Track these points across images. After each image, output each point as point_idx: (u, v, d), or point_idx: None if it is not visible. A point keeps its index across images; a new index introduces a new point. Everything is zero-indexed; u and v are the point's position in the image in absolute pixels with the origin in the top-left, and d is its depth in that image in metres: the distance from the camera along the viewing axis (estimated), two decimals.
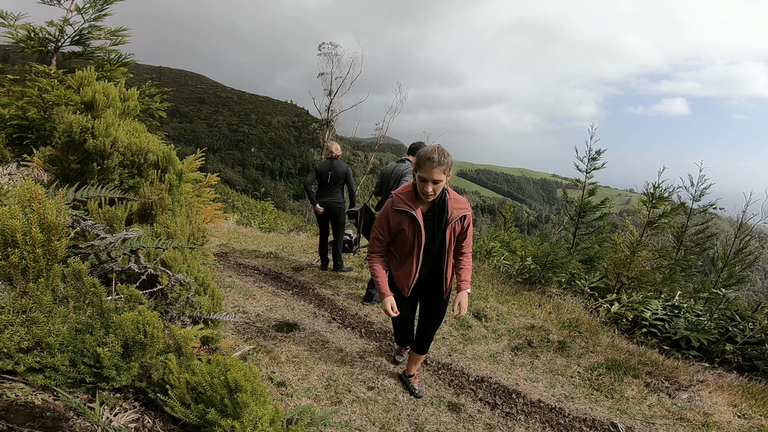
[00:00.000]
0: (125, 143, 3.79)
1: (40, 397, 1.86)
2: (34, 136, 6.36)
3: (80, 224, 2.83)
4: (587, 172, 8.53)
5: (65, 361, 1.89)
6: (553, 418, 4.03)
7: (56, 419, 1.78)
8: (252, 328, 5.19)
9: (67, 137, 3.65)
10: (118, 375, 1.99)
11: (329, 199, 7.71)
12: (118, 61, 7.57)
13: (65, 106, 5.39)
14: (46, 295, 1.85)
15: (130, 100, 4.38)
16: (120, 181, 3.88)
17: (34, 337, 1.81)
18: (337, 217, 7.82)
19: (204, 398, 1.93)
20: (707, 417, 4.17)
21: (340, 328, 5.54)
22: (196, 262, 3.11)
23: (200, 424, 1.93)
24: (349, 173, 7.70)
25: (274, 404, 2.06)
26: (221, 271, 7.32)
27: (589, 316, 6.50)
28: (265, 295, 6.40)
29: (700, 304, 6.74)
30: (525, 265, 8.08)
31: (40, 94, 6.39)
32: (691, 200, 8.12)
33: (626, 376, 4.82)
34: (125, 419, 1.98)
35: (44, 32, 6.91)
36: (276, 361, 4.43)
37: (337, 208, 7.72)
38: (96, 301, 2.02)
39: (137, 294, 2.30)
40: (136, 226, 3.36)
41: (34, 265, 1.78)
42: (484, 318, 6.12)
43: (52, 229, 1.80)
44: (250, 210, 20.61)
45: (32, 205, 1.76)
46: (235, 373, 1.88)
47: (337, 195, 7.73)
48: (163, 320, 2.57)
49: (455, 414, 3.95)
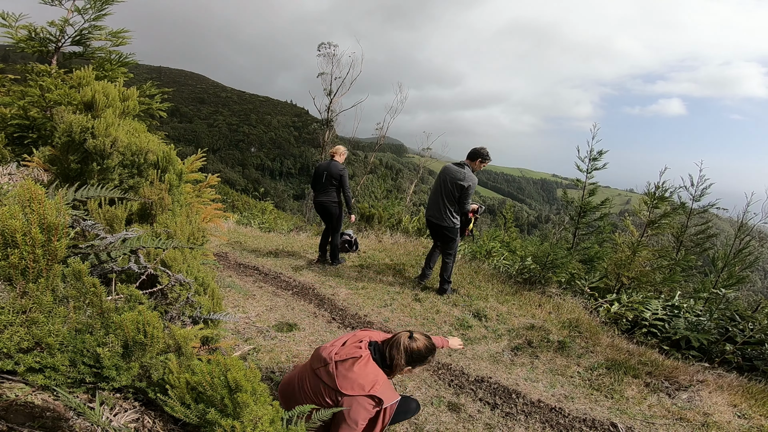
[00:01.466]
0: (125, 143, 3.80)
1: (40, 397, 1.86)
2: (35, 136, 6.37)
3: (80, 224, 2.83)
4: (588, 172, 8.53)
5: (65, 361, 1.89)
6: (553, 418, 4.03)
7: (56, 419, 1.78)
8: (252, 328, 5.19)
9: (67, 137, 3.65)
10: (118, 375, 1.99)
11: (323, 197, 7.88)
12: (119, 61, 7.59)
13: (67, 105, 5.40)
14: (46, 296, 1.85)
15: (129, 100, 4.38)
16: (120, 181, 3.88)
17: (34, 337, 1.81)
18: (331, 216, 7.99)
19: (204, 398, 1.93)
20: (707, 417, 4.17)
21: (340, 328, 5.54)
22: (196, 262, 3.11)
23: (200, 424, 1.92)
24: (344, 176, 7.77)
25: (274, 404, 2.05)
26: (221, 271, 7.32)
27: (589, 316, 6.50)
28: (265, 295, 6.41)
29: (700, 304, 6.74)
30: (525, 265, 8.08)
31: (42, 94, 6.40)
32: (692, 200, 8.12)
33: (626, 376, 4.83)
34: (125, 419, 1.98)
35: (45, 32, 6.93)
36: (276, 361, 4.44)
37: (329, 206, 7.89)
38: (96, 301, 2.02)
39: (137, 294, 2.30)
40: (136, 226, 3.36)
41: (34, 266, 1.78)
42: (484, 318, 6.12)
43: (52, 230, 1.80)
44: (250, 210, 20.59)
45: (32, 205, 1.76)
46: (236, 373, 1.88)
47: (331, 194, 7.86)
48: (163, 320, 2.57)
49: (455, 414, 3.95)
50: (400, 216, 13.10)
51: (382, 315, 6.07)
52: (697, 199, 8.09)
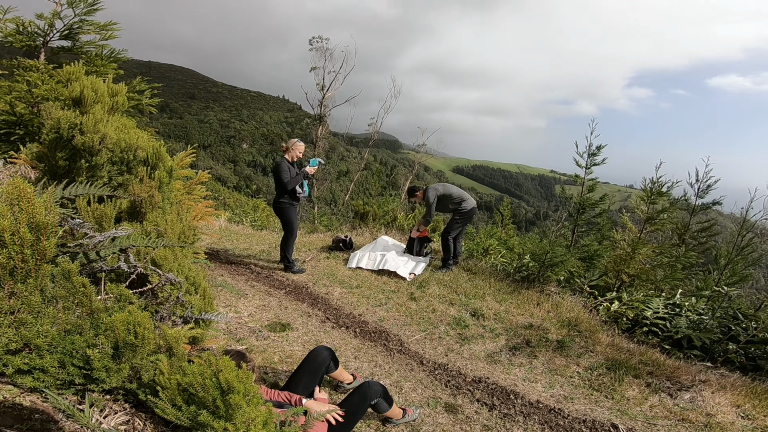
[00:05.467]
0: (114, 140, 3.79)
1: (29, 399, 1.87)
2: (22, 132, 6.35)
3: (68, 223, 2.83)
4: (587, 167, 8.54)
5: (54, 362, 1.89)
6: (552, 420, 4.05)
7: (45, 421, 1.79)
8: (244, 328, 5.20)
9: (55, 134, 3.65)
10: (108, 376, 1.99)
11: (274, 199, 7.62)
12: (110, 56, 7.56)
13: (55, 101, 5.39)
14: (34, 296, 1.85)
15: (118, 96, 4.38)
16: (109, 178, 3.87)
17: (22, 338, 1.81)
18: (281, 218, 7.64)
19: (195, 400, 1.94)
20: (710, 418, 4.18)
21: (334, 328, 5.55)
22: (186, 260, 3.12)
23: (192, 426, 1.93)
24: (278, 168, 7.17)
25: (267, 406, 2.06)
26: (212, 269, 7.31)
27: (589, 314, 6.51)
28: (258, 295, 6.40)
29: (702, 302, 6.75)
30: (523, 263, 8.10)
31: (29, 89, 6.38)
32: (695, 196, 8.14)
33: (627, 376, 4.84)
34: (115, 421, 1.98)
35: (33, 26, 6.89)
36: (269, 361, 4.44)
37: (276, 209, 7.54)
38: (85, 301, 2.02)
39: (127, 294, 2.31)
40: (125, 224, 3.36)
41: (22, 266, 1.79)
42: (482, 317, 6.14)
43: (41, 229, 1.80)
44: (242, 207, 20.59)
45: (21, 204, 1.76)
46: (228, 374, 1.88)
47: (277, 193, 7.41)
48: (154, 320, 2.58)
49: (452, 415, 3.96)
50: (395, 213, 13.10)
51: (377, 314, 6.08)
52: (701, 195, 8.11)
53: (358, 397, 3.25)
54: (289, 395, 3.13)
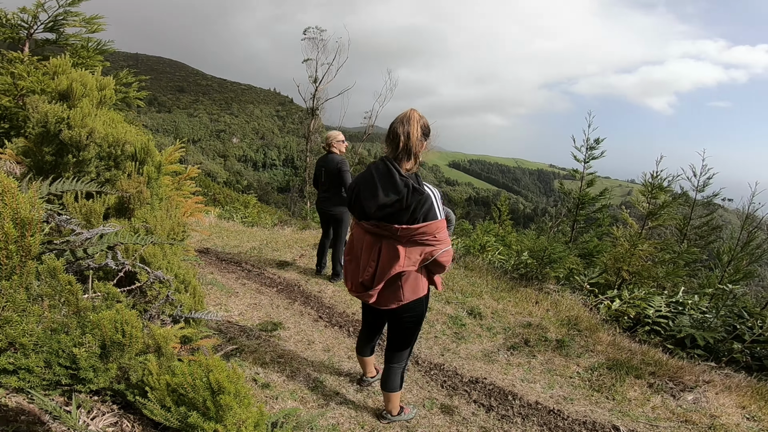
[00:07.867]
0: (102, 134, 3.79)
1: (14, 400, 1.86)
2: (6, 126, 6.32)
3: (55, 219, 2.83)
4: (585, 161, 8.56)
5: (40, 362, 1.89)
6: (552, 421, 4.05)
7: (31, 423, 1.79)
8: (235, 327, 5.19)
9: (42, 128, 3.64)
10: (96, 377, 2.00)
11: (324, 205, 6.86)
12: (97, 48, 7.53)
13: (41, 93, 5.37)
14: (19, 294, 1.85)
15: (106, 89, 4.37)
16: (96, 173, 3.87)
17: (7, 337, 1.81)
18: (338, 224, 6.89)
19: (185, 401, 1.94)
20: (714, 419, 4.18)
21: (327, 327, 5.54)
22: (176, 258, 3.12)
23: (181, 428, 1.93)
24: (343, 170, 6.52)
25: (258, 407, 2.07)
26: (202, 267, 7.30)
27: (589, 313, 6.52)
28: (249, 293, 6.39)
29: (705, 300, 6.76)
30: (521, 260, 8.10)
31: (14, 82, 6.35)
32: (695, 191, 8.16)
33: (628, 377, 4.84)
34: (103, 423, 1.99)
35: (17, 18, 6.85)
36: (260, 361, 4.44)
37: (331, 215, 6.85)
38: (72, 299, 2.02)
39: (115, 292, 2.31)
40: (113, 220, 3.36)
41: (6, 262, 1.79)
42: (479, 315, 6.14)
43: (26, 225, 1.80)
44: (233, 203, 20.58)
45: (4, 199, 1.76)
46: (218, 375, 1.88)
47: (333, 198, 6.71)
48: (142, 319, 2.58)
49: (448, 416, 3.96)
50: None
51: None
52: (700, 189, 8.13)
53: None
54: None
